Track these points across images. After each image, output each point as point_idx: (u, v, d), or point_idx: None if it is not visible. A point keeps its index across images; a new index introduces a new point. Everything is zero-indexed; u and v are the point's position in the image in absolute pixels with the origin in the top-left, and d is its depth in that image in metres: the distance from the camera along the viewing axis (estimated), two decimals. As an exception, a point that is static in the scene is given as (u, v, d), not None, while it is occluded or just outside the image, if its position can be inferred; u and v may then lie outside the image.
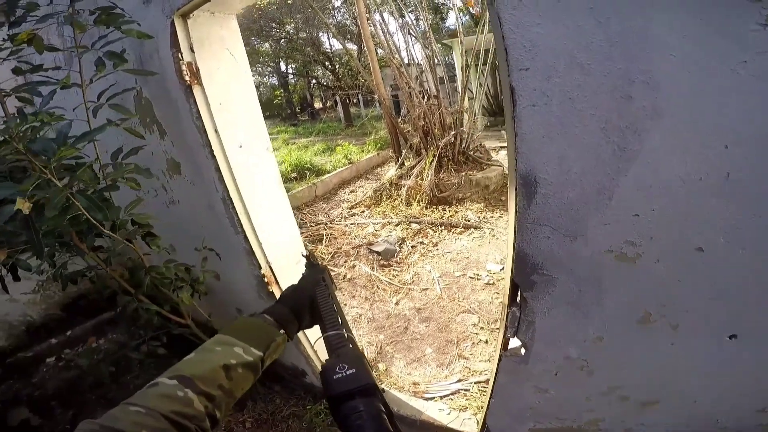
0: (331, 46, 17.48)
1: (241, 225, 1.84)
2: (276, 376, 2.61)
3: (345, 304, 3.39)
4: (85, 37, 1.45)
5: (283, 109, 20.20)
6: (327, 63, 17.14)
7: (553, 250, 1.04)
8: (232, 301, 2.41)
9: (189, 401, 0.52)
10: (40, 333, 3.35)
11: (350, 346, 0.66)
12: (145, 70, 1.54)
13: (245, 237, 1.87)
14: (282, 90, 19.89)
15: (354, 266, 3.95)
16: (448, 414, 2.03)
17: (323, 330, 0.72)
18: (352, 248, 4.28)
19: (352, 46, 15.22)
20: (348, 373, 0.51)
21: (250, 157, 1.82)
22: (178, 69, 1.51)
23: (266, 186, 1.93)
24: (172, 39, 1.47)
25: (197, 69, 1.53)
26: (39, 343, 3.25)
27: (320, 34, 16.60)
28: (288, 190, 6.02)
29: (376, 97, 7.16)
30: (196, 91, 1.56)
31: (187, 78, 1.51)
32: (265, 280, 1.94)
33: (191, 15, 1.45)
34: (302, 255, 1.05)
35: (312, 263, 0.99)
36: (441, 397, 2.23)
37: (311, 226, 5.02)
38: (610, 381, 1.21)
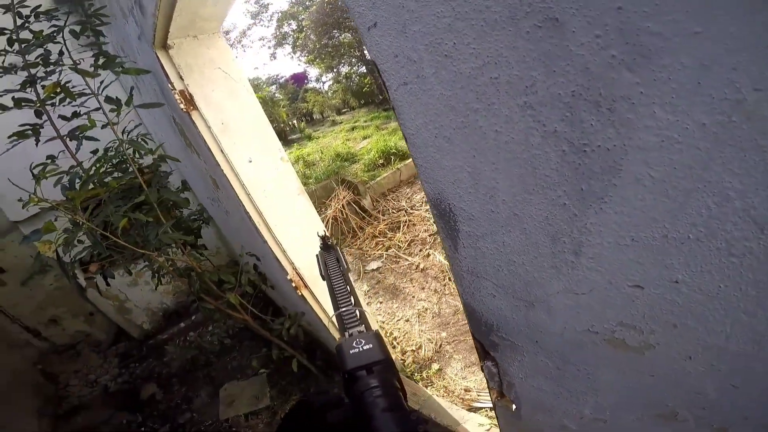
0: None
1: (263, 235, 1.90)
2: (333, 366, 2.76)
3: (413, 296, 3.30)
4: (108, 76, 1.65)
5: (374, 95, 20.47)
6: None
7: (505, 315, 0.74)
8: (282, 300, 2.56)
9: None
10: (173, 318, 4.12)
11: (363, 324, 0.66)
12: (151, 103, 1.68)
13: (269, 246, 1.94)
14: (370, 77, 20.07)
15: (428, 255, 3.80)
16: (488, 430, 1.82)
17: (336, 307, 0.73)
18: (429, 235, 4.11)
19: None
20: (364, 348, 0.51)
21: (263, 170, 1.85)
22: (173, 98, 1.60)
23: (285, 196, 1.95)
24: (162, 70, 1.55)
25: (191, 95, 1.59)
26: (172, 326, 3.99)
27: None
28: (374, 177, 6.10)
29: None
30: (195, 116, 1.63)
31: (182, 106, 1.59)
32: (294, 285, 1.99)
33: (172, 44, 1.51)
34: (318, 235, 1.08)
35: (327, 244, 1.01)
36: (491, 408, 2.01)
37: (393, 212, 4.97)
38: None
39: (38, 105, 1.58)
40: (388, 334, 3.02)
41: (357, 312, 0.68)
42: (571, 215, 0.49)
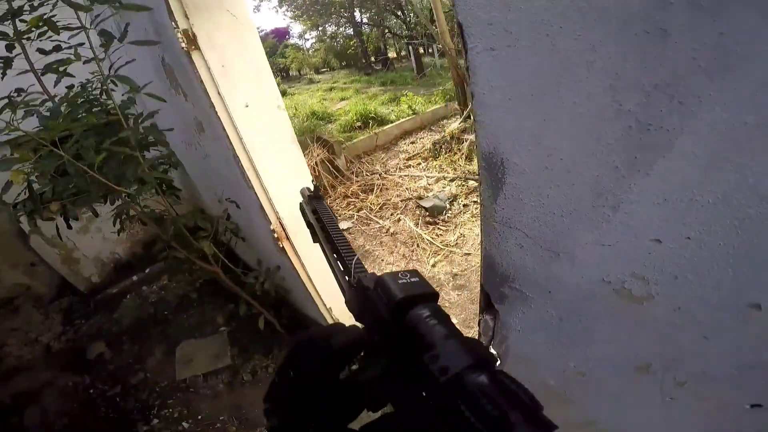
0: (406, -8, 16.85)
1: (250, 181, 1.91)
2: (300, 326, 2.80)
3: (382, 260, 3.42)
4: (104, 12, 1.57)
5: (358, 59, 20.13)
6: (399, 12, 16.46)
7: (527, 265, 0.81)
8: (255, 251, 2.55)
9: None
10: (124, 271, 3.92)
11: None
12: (147, 41, 1.60)
13: (255, 192, 1.95)
14: (356, 40, 19.76)
15: (399, 220, 3.91)
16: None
17: (336, 254, 0.64)
18: (401, 201, 4.22)
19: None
20: (412, 280, 0.45)
21: (258, 115, 1.84)
22: (172, 38, 1.56)
23: (278, 143, 1.95)
24: (167, 8, 1.51)
25: (194, 35, 1.54)
26: (123, 279, 3.81)
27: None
28: (350, 138, 6.09)
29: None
30: (195, 56, 1.58)
31: (183, 45, 1.55)
32: (276, 235, 2.03)
33: (181, -24, 1.47)
34: (307, 188, 0.92)
35: (318, 195, 0.86)
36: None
37: (366, 175, 5.02)
38: (588, 415, 1.02)
39: (14, 38, 1.48)
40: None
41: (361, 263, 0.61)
42: (619, 176, 0.58)
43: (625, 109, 0.52)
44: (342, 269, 0.59)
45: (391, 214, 4.07)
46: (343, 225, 4.07)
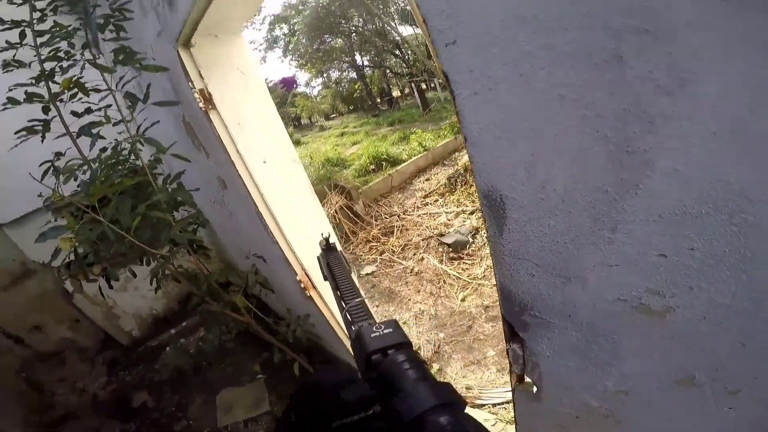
0: (399, 33, 17.34)
1: (273, 236, 1.91)
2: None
3: (409, 299, 3.35)
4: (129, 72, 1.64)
5: (364, 101, 20.55)
6: (397, 51, 16.85)
7: (541, 292, 0.81)
8: (284, 301, 2.55)
9: None
10: (162, 324, 4.03)
11: (371, 318, 0.63)
12: (169, 101, 1.68)
13: (279, 246, 1.94)
14: (360, 83, 20.20)
15: (422, 259, 3.86)
16: (493, 425, 1.86)
17: (342, 304, 0.69)
18: (422, 240, 4.18)
19: (418, 30, 14.88)
20: (385, 332, 0.49)
21: (276, 170, 1.87)
22: (190, 97, 1.60)
23: (296, 196, 1.97)
24: (183, 68, 1.56)
25: (210, 94, 1.60)
26: (161, 333, 3.90)
27: (386, 22, 16.47)
28: (366, 182, 6.14)
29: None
30: (213, 115, 1.64)
31: (201, 105, 1.60)
32: (302, 285, 2.00)
33: (194, 42, 1.52)
34: (322, 236, 1.00)
35: (329, 245, 0.97)
36: (494, 405, 2.05)
37: (385, 217, 5.04)
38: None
39: (48, 101, 1.56)
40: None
41: (364, 306, 0.66)
42: (611, 199, 0.59)
43: (602, 135, 0.55)
44: (347, 320, 0.63)
45: (414, 254, 4.06)
46: (367, 269, 4.06)
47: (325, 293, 2.09)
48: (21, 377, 3.63)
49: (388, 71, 20.36)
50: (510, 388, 2.12)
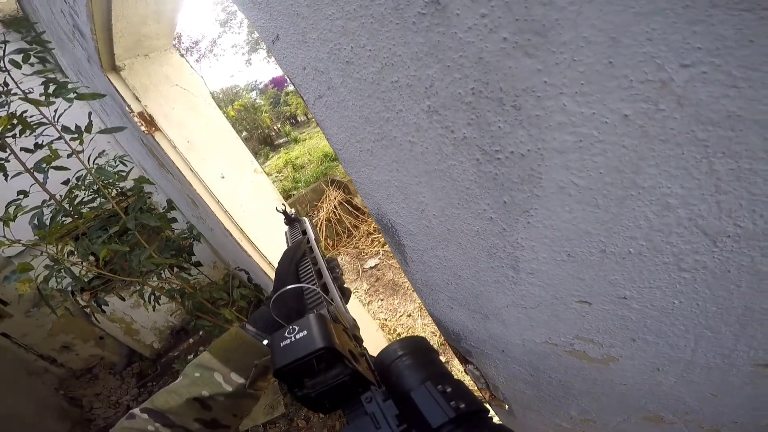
0: None
1: (246, 251, 1.86)
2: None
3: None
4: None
5: None
6: None
7: (467, 325, 0.70)
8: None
9: None
10: (181, 335, 4.15)
11: (329, 303, 0.55)
12: (113, 128, 1.63)
13: (254, 259, 1.89)
14: None
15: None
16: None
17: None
18: None
19: None
20: (298, 337, 0.39)
21: (237, 183, 1.80)
22: (132, 121, 1.54)
23: (264, 206, 1.90)
24: (117, 93, 1.49)
25: (150, 116, 1.53)
26: (181, 343, 4.02)
27: None
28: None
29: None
30: (158, 137, 1.58)
31: (143, 128, 1.54)
32: (285, 296, 1.95)
33: (123, 66, 1.45)
34: (277, 210, 0.91)
35: (291, 218, 0.88)
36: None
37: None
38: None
39: None
40: (391, 331, 2.99)
41: (317, 290, 0.57)
42: (500, 230, 0.44)
43: (459, 135, 0.39)
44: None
45: None
46: (370, 263, 3.98)
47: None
48: (60, 395, 3.85)
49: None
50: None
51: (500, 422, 0.33)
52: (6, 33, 1.41)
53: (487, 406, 1.03)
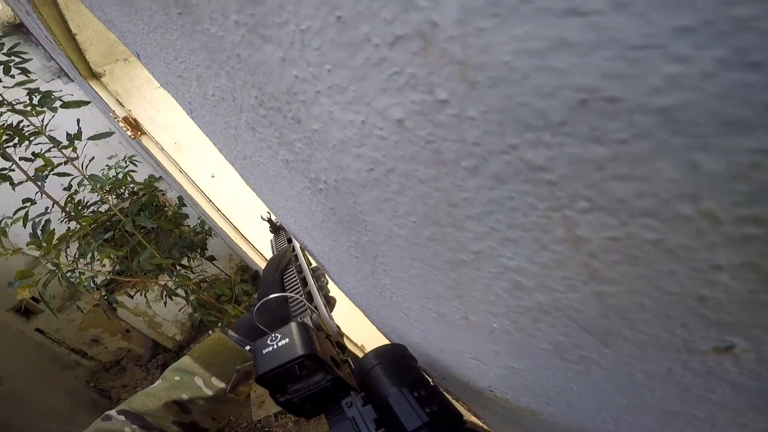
0: None
1: (241, 248, 1.86)
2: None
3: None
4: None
5: None
6: None
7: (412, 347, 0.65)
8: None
9: None
10: (202, 327, 4.26)
11: (313, 312, 0.56)
12: (101, 133, 1.64)
13: (250, 257, 1.90)
14: None
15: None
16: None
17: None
18: None
19: None
20: (280, 344, 0.40)
21: (228, 182, 1.79)
22: (118, 126, 1.55)
23: (257, 203, 1.89)
24: (100, 99, 1.50)
25: (135, 120, 1.53)
26: (202, 335, 4.14)
27: None
28: None
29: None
30: (145, 141, 1.58)
31: (129, 133, 1.54)
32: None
33: (103, 72, 1.45)
34: (262, 218, 0.93)
35: (276, 226, 0.91)
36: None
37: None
38: None
39: None
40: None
41: (301, 298, 0.58)
42: (369, 271, 0.38)
43: (283, 158, 0.32)
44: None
45: None
46: None
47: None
48: (91, 387, 4.05)
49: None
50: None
51: (474, 427, 0.33)
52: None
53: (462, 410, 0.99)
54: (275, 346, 0.39)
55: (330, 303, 0.64)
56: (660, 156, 0.12)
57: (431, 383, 0.41)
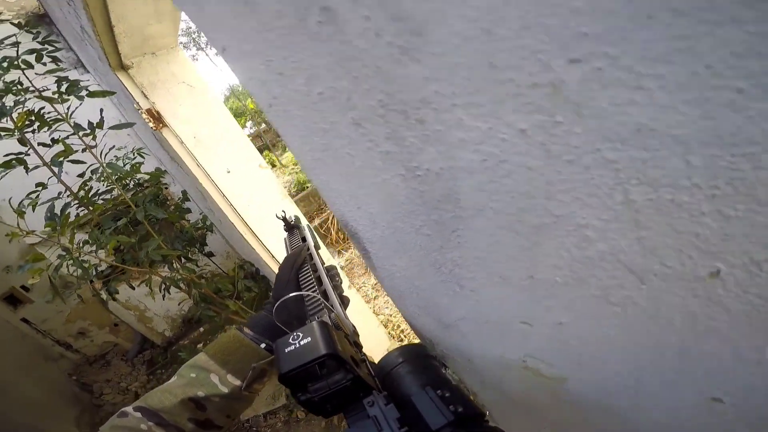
0: None
1: (250, 244, 1.91)
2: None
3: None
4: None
5: None
6: None
7: (434, 332, 0.71)
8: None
9: None
10: (192, 324, 4.25)
11: (330, 311, 0.56)
12: (123, 124, 1.68)
13: (258, 253, 1.94)
14: None
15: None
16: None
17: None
18: None
19: None
20: (302, 343, 0.40)
21: (242, 178, 1.84)
22: (141, 118, 1.60)
23: (268, 201, 1.94)
24: (126, 90, 1.55)
25: (158, 113, 1.59)
26: (191, 332, 4.11)
27: None
28: None
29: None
30: (166, 133, 1.63)
31: (151, 125, 1.59)
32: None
33: (131, 64, 1.50)
34: (276, 217, 0.92)
35: (290, 225, 0.91)
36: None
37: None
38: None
39: (16, 134, 1.60)
40: (395, 327, 3.01)
41: (318, 297, 0.59)
42: (437, 247, 0.44)
43: (384, 150, 0.39)
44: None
45: None
46: None
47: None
48: (72, 380, 3.99)
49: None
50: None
51: (495, 425, 0.35)
52: (19, 34, 1.46)
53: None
54: (297, 345, 0.40)
55: (344, 302, 0.65)
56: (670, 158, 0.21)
57: (453, 383, 0.45)
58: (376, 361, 0.62)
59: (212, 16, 0.48)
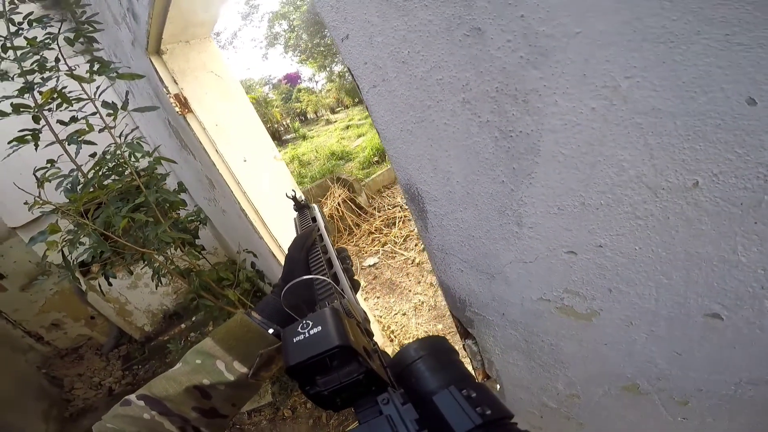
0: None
1: (259, 232, 1.96)
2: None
3: (409, 290, 3.37)
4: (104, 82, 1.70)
5: (357, 94, 20.43)
6: None
7: (474, 289, 0.80)
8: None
9: (157, 424, 0.49)
10: (173, 319, 4.17)
11: (341, 296, 0.54)
12: (146, 107, 1.73)
13: (265, 241, 2.00)
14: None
15: (424, 249, 3.84)
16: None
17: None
18: None
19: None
20: (312, 332, 0.38)
21: (257, 168, 1.91)
22: (168, 102, 1.65)
23: (280, 192, 2.01)
24: (157, 75, 1.61)
25: (185, 98, 1.65)
26: (172, 328, 4.04)
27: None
28: (369, 174, 6.17)
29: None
30: (190, 118, 1.69)
31: (177, 109, 1.65)
32: (290, 280, 2.05)
33: (165, 50, 1.57)
34: (287, 196, 0.90)
35: (300, 204, 0.89)
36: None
37: (388, 208, 5.04)
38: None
39: (36, 111, 1.63)
40: (385, 328, 3.09)
41: (327, 280, 0.56)
42: (509, 190, 0.57)
43: (484, 120, 0.53)
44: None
45: (416, 245, 4.07)
46: (369, 261, 4.12)
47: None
48: (42, 373, 3.83)
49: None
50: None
51: (525, 429, 0.34)
52: (60, 12, 1.51)
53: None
54: (307, 335, 0.37)
55: (355, 286, 0.62)
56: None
57: (478, 382, 0.43)
58: None
59: (348, 11, 0.61)
